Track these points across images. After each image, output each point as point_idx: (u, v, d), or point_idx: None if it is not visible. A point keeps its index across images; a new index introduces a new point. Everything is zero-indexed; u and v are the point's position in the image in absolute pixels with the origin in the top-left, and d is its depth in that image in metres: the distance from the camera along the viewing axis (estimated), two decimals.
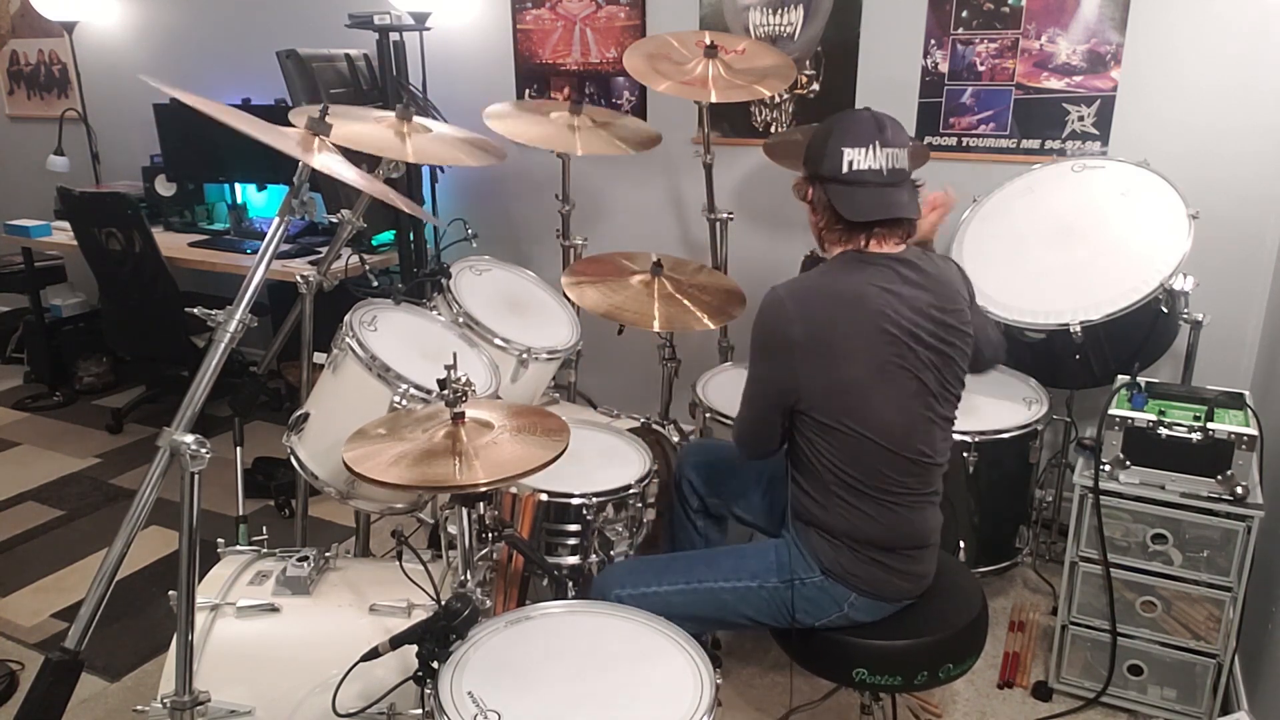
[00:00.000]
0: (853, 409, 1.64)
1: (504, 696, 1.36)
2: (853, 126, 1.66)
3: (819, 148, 1.68)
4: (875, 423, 1.64)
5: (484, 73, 3.69)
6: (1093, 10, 2.69)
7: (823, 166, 1.66)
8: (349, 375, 1.96)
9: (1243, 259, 2.65)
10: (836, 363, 1.62)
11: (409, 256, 3.47)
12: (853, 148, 1.64)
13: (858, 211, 1.66)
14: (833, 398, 1.64)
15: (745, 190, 3.30)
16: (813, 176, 1.71)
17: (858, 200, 1.66)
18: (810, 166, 1.71)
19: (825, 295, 1.64)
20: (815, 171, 1.69)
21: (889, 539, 1.71)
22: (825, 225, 1.71)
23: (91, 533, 3.16)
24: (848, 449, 1.66)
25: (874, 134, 1.65)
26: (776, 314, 1.63)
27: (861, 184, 1.65)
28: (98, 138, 4.75)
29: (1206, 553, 2.08)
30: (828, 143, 1.66)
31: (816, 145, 1.69)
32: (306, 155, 1.53)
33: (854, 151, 1.64)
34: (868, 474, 1.67)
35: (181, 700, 1.53)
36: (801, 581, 1.73)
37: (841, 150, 1.64)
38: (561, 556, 2.06)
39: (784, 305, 1.63)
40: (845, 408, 1.64)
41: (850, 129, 1.65)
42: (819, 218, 1.73)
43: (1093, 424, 2.29)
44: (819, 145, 1.68)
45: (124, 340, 3.95)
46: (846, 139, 1.65)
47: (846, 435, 1.65)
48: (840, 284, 1.65)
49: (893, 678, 1.72)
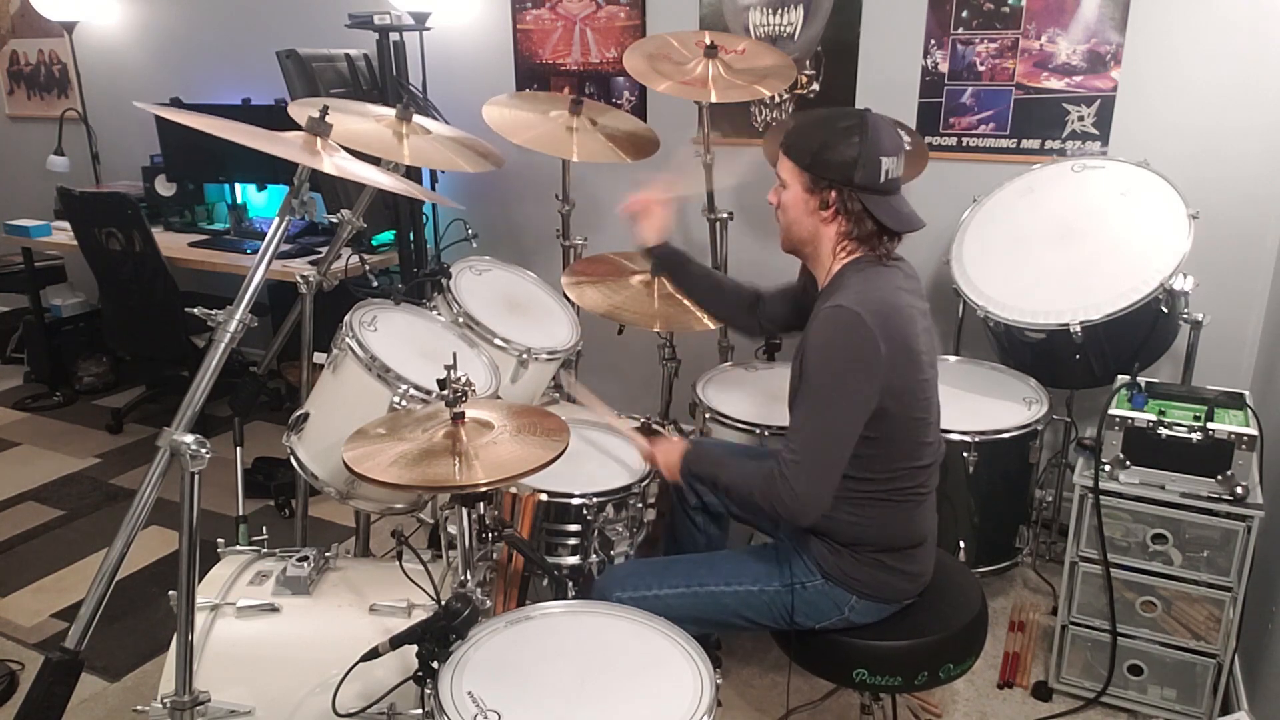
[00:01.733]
0: (909, 415, 1.65)
1: (504, 696, 1.36)
2: (883, 133, 1.64)
3: (849, 155, 1.62)
4: (921, 420, 1.68)
5: (484, 73, 3.69)
6: (1093, 10, 2.69)
7: (857, 175, 1.63)
8: (349, 375, 1.96)
9: (1243, 259, 2.65)
10: (907, 369, 1.63)
11: (409, 256, 3.47)
12: (889, 156, 1.64)
13: (901, 221, 1.67)
14: (895, 404, 1.62)
15: (745, 190, 3.30)
16: (839, 183, 1.65)
17: (895, 209, 1.67)
18: (835, 173, 1.65)
19: (887, 305, 1.62)
20: (846, 178, 1.64)
21: (891, 539, 1.72)
22: (848, 232, 1.69)
23: (91, 533, 3.16)
24: (877, 457, 1.65)
25: (900, 143, 1.66)
26: (863, 332, 1.56)
27: (894, 193, 1.68)
28: (98, 138, 4.75)
29: (1206, 553, 2.08)
30: (861, 151, 1.62)
31: (845, 152, 1.63)
32: (310, 159, 1.53)
33: (889, 160, 1.64)
34: (886, 479, 1.68)
35: (181, 700, 1.53)
36: (802, 585, 1.73)
37: (879, 159, 1.62)
38: (561, 556, 2.06)
39: (864, 321, 1.57)
40: (901, 413, 1.64)
41: (882, 137, 1.64)
42: (840, 225, 1.69)
43: (1093, 424, 2.29)
44: (848, 152, 1.62)
45: (124, 340, 3.95)
46: (883, 147, 1.63)
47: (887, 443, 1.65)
48: (887, 291, 1.65)
49: (893, 678, 1.72)
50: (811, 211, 1.71)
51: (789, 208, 1.74)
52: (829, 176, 1.66)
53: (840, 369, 1.58)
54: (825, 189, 1.68)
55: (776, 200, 1.76)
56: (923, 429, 1.70)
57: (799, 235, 1.76)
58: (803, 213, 1.72)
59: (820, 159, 1.66)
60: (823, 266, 1.75)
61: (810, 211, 1.71)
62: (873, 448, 1.64)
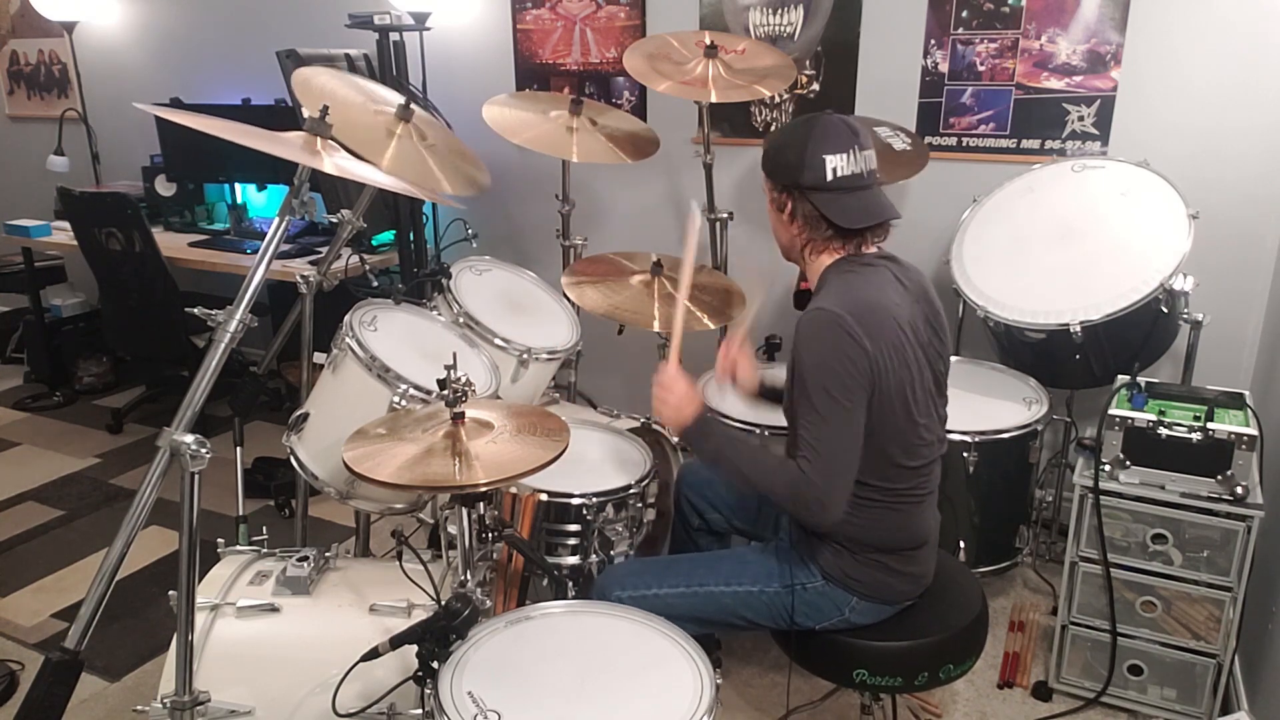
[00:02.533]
0: (899, 413, 1.63)
1: (504, 696, 1.36)
2: (829, 132, 1.63)
3: (794, 158, 1.63)
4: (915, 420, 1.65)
5: (484, 73, 3.69)
6: (1093, 10, 2.69)
7: (803, 176, 1.63)
8: (349, 375, 1.96)
9: (1243, 259, 2.65)
10: (891, 370, 1.60)
11: (409, 256, 3.47)
12: (834, 154, 1.62)
13: (852, 219, 1.65)
14: (883, 405, 1.61)
15: (745, 190, 3.30)
16: (790, 187, 1.67)
17: (849, 206, 1.65)
18: (785, 177, 1.67)
19: (869, 303, 1.60)
20: (794, 181, 1.65)
21: (892, 541, 1.71)
22: (810, 235, 1.68)
23: (91, 533, 3.16)
24: (872, 456, 1.64)
25: (851, 138, 1.64)
26: (844, 330, 1.55)
27: (847, 190, 1.65)
28: (98, 138, 4.75)
29: (1206, 553, 2.08)
30: (805, 152, 1.62)
31: (790, 155, 1.64)
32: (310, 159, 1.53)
33: (835, 158, 1.62)
34: (884, 479, 1.67)
35: (181, 700, 1.52)
36: (803, 586, 1.73)
37: (823, 158, 1.62)
38: (561, 556, 2.06)
39: (845, 320, 1.55)
40: (891, 413, 1.62)
41: (827, 135, 1.63)
42: (800, 229, 1.69)
43: (1093, 424, 2.29)
44: (794, 155, 1.63)
45: (124, 340, 3.95)
46: (826, 146, 1.62)
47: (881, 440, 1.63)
48: (869, 291, 1.63)
49: (893, 678, 1.72)
50: (782, 223, 1.72)
51: (771, 221, 1.76)
52: (781, 181, 1.68)
53: (834, 367, 1.56)
54: (781, 194, 1.69)
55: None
56: (917, 429, 1.67)
57: (782, 244, 1.77)
58: (777, 224, 1.74)
59: (773, 167, 1.69)
60: (811, 272, 1.75)
61: (782, 222, 1.73)
62: (865, 448, 1.63)
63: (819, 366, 1.57)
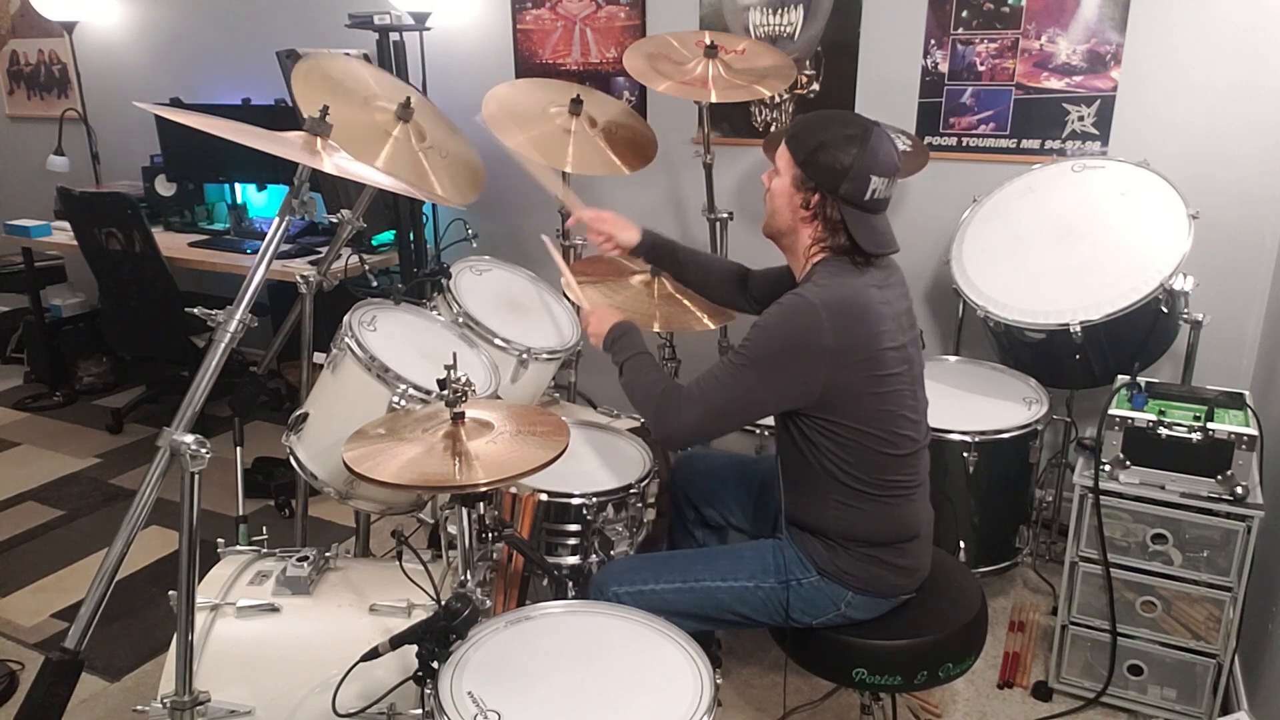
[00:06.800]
0: (876, 408, 1.65)
1: (504, 696, 1.36)
2: (879, 153, 1.63)
3: (842, 165, 1.62)
4: (891, 417, 1.66)
5: (484, 73, 3.69)
6: (1093, 10, 2.69)
7: (843, 187, 1.63)
8: (348, 375, 1.96)
9: (1243, 259, 2.65)
10: (865, 365, 1.61)
11: (409, 256, 3.47)
12: (879, 177, 1.63)
13: (876, 243, 1.67)
14: (858, 400, 1.63)
15: (745, 190, 3.30)
16: (825, 188, 1.65)
17: (876, 230, 1.67)
18: (825, 179, 1.65)
19: (849, 302, 1.62)
20: (832, 186, 1.64)
21: (883, 534, 1.72)
22: (821, 236, 1.69)
23: (91, 533, 3.16)
24: (853, 448, 1.66)
25: (895, 166, 1.66)
26: (812, 321, 1.59)
27: (875, 212, 1.67)
28: (98, 138, 4.75)
29: (1206, 553, 2.08)
30: (855, 163, 1.61)
31: (838, 160, 1.62)
32: (310, 159, 1.53)
33: (879, 181, 1.64)
34: (869, 471, 1.68)
35: (181, 700, 1.53)
36: (798, 582, 1.74)
37: (870, 177, 1.62)
38: (561, 556, 2.06)
39: (819, 313, 1.59)
40: (869, 408, 1.64)
41: (879, 156, 1.63)
42: (817, 227, 1.69)
43: (1093, 424, 2.29)
44: (843, 162, 1.62)
45: (124, 340, 3.95)
46: (876, 166, 1.62)
47: (860, 433, 1.65)
48: (853, 289, 1.65)
49: (892, 678, 1.72)
50: (794, 207, 1.71)
51: (776, 195, 1.74)
52: (816, 179, 1.66)
53: (779, 345, 1.61)
54: (810, 190, 1.67)
55: (768, 184, 1.76)
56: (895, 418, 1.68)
57: (779, 225, 1.76)
58: (786, 205, 1.73)
59: (813, 159, 1.66)
60: (798, 261, 1.76)
61: (793, 206, 1.71)
62: (841, 445, 1.66)
63: (770, 337, 1.63)
